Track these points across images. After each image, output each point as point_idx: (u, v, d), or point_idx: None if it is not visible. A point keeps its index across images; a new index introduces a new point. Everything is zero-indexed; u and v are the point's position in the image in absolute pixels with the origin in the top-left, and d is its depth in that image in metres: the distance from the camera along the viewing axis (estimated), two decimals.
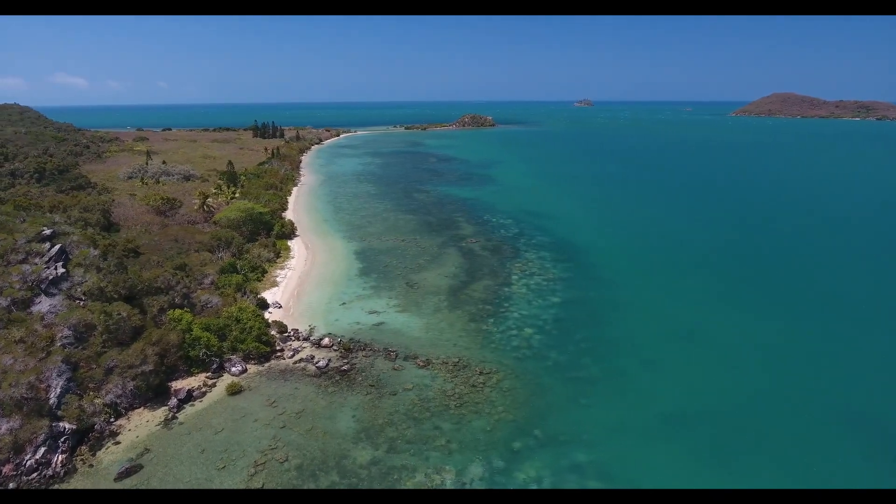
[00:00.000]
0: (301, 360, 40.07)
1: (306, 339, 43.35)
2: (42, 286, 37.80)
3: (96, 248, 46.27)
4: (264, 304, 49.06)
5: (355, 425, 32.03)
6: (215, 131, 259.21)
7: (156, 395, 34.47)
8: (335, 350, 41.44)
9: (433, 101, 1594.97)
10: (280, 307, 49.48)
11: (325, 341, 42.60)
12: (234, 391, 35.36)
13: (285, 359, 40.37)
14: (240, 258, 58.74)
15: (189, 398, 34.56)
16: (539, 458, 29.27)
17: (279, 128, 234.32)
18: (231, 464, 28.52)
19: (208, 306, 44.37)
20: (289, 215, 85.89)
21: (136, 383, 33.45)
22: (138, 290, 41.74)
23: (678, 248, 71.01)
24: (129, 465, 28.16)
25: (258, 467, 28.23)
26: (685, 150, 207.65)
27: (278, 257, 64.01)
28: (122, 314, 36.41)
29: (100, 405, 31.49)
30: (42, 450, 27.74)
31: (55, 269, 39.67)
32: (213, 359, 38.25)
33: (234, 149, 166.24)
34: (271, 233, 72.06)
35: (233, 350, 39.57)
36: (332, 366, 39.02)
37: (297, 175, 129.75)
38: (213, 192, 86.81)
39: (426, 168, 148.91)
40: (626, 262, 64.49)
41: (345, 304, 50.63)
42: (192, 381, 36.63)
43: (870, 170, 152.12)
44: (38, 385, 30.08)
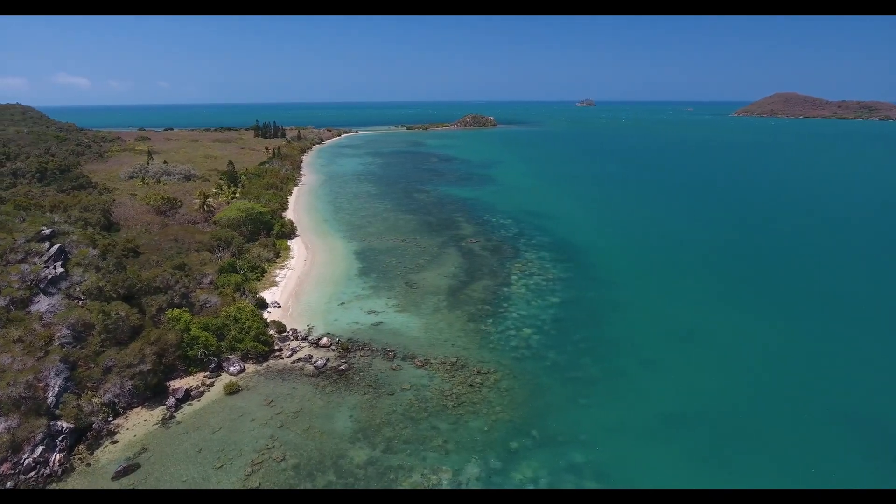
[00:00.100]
0: (299, 359, 40.06)
1: (305, 338, 43.33)
2: (41, 285, 37.87)
3: (95, 248, 46.35)
4: (263, 304, 49.08)
5: (352, 425, 32.01)
6: (217, 131, 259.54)
7: (154, 395, 34.50)
8: (333, 350, 41.42)
9: (434, 102, 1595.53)
10: (279, 307, 49.48)
11: (324, 341, 42.58)
12: (231, 391, 35.37)
13: (283, 358, 40.35)
14: (239, 258, 58.76)
15: (187, 397, 34.61)
16: (536, 458, 29.18)
17: (281, 127, 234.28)
18: (228, 463, 28.53)
19: (207, 306, 44.42)
20: (289, 215, 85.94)
21: (134, 383, 33.48)
22: (137, 289, 41.80)
23: (678, 248, 70.86)
24: (127, 464, 28.20)
25: (255, 467, 28.23)
26: (686, 151, 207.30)
27: (278, 257, 64.01)
28: (121, 314, 36.45)
29: (98, 404, 31.51)
30: (40, 448, 27.79)
31: (54, 268, 39.73)
32: (212, 358, 38.27)
33: (235, 149, 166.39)
34: (271, 233, 72.10)
35: (231, 349, 39.57)
36: (330, 365, 38.99)
37: (298, 175, 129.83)
38: (214, 191, 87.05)
39: (427, 168, 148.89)
40: (626, 262, 64.38)
41: (344, 303, 50.61)
42: (191, 381, 36.66)
43: (870, 170, 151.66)
44: (37, 384, 30.12)
